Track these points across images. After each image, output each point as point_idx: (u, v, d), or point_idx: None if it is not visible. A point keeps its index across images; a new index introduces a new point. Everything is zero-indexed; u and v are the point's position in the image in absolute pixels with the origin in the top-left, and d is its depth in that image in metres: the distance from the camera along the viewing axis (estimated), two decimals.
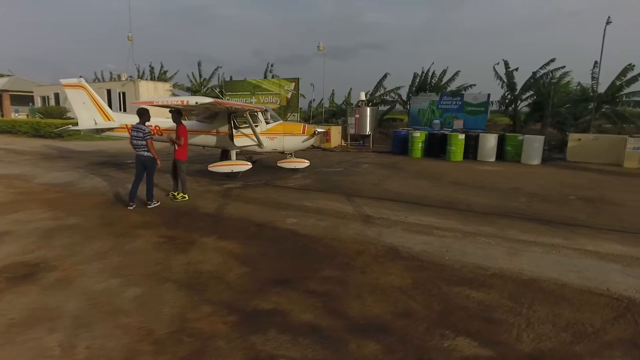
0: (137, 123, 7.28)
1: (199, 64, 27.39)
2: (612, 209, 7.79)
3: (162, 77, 30.29)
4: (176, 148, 7.83)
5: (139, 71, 30.48)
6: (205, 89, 27.36)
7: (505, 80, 19.68)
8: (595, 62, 16.22)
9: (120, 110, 25.21)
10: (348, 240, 5.71)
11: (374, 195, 8.59)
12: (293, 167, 11.56)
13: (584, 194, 9.03)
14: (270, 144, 11.04)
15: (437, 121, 19.22)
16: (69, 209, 7.19)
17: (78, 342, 3.21)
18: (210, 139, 11.06)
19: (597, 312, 3.79)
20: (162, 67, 30.73)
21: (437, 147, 15.82)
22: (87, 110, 11.45)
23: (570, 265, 4.92)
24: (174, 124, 9.59)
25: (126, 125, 11.37)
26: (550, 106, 17.71)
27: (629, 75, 16.37)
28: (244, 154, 12.41)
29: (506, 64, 19.75)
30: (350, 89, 25.02)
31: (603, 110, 17.13)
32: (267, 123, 11.10)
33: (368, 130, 19.54)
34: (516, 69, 18.96)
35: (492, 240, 5.80)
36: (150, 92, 24.80)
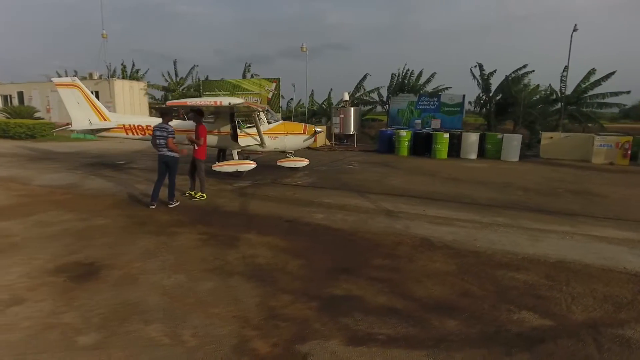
0: (161, 122, 7.29)
1: (175, 63, 26.90)
2: (599, 200, 8.63)
3: (133, 76, 29.44)
4: (196, 148, 7.88)
5: (109, 69, 29.41)
6: (181, 88, 26.90)
7: (481, 82, 20.75)
8: (565, 67, 17.51)
9: None
10: (381, 233, 6.08)
11: (383, 192, 9.01)
12: (293, 165, 11.78)
13: (569, 188, 9.88)
14: (272, 143, 11.22)
15: (418, 121, 20.00)
16: (89, 210, 7.10)
17: (180, 331, 3.37)
18: (211, 139, 11.06)
19: (624, 287, 4.36)
20: (133, 65, 29.88)
21: (422, 145, 16.52)
22: (81, 110, 11.16)
23: (585, 248, 5.52)
24: (176, 124, 9.74)
25: (123, 125, 11.21)
26: (522, 107, 18.94)
27: (592, 78, 17.77)
28: (241, 154, 12.50)
29: (481, 67, 20.84)
30: (331, 89, 25.49)
31: (569, 110, 18.48)
32: (269, 123, 11.27)
33: (352, 130, 20.02)
34: (493, 72, 20.03)
35: (510, 229, 6.35)
36: (126, 91, 24.10)
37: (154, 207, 7.29)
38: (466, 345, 3.23)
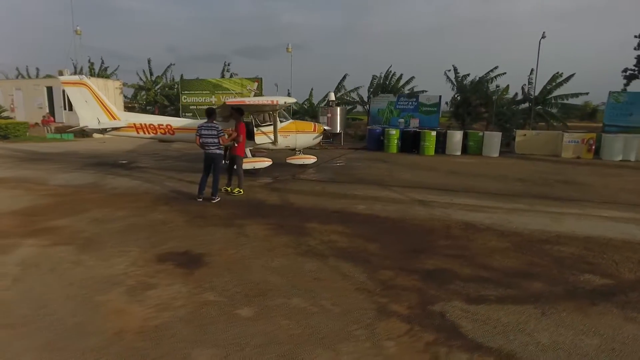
0: (207, 122, 7.55)
1: (149, 62, 26.27)
2: (587, 188, 9.85)
3: (102, 73, 28.41)
4: (236, 145, 8.18)
5: (75, 67, 28.17)
6: (157, 87, 26.36)
7: (455, 84, 22.15)
8: (532, 70, 19.20)
9: (65, 109, 23.31)
10: (427, 219, 6.77)
11: (401, 184, 9.73)
12: (302, 163, 12.22)
13: (558, 178, 11.11)
14: (283, 141, 11.61)
15: (401, 120, 21.05)
16: (136, 207, 7.23)
17: (321, 302, 3.84)
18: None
19: None
20: (102, 63, 28.82)
21: (410, 143, 17.49)
22: (90, 109, 11.01)
23: (601, 226, 6.51)
24: (184, 123, 9.98)
25: (134, 124, 11.18)
26: (494, 107, 20.50)
27: (558, 81, 19.61)
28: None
29: (455, 70, 22.25)
30: (312, 89, 25.94)
31: (537, 110, 20.25)
32: (280, 122, 11.66)
33: (339, 129, 20.69)
34: (467, 75, 21.46)
35: (532, 213, 7.26)
36: (100, 90, 23.20)
37: (200, 200, 7.55)
38: (559, 299, 3.96)
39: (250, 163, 10.95)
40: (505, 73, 20.81)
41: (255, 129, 10.92)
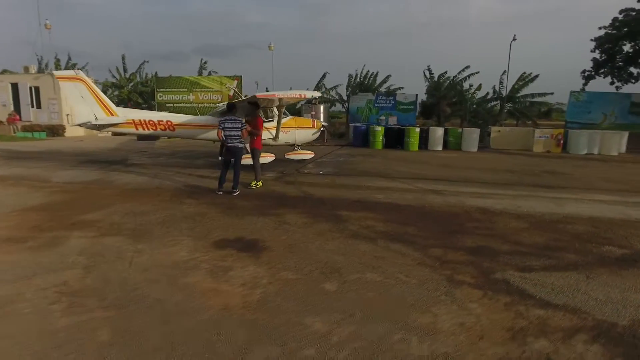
0: (230, 116, 7.66)
1: (123, 58, 25.46)
2: (569, 177, 10.80)
3: (69, 69, 27.21)
4: (255, 138, 8.33)
5: (40, 63, 26.83)
6: (131, 84, 25.59)
7: (430, 83, 23.17)
8: (504, 71, 20.49)
9: (33, 107, 22.18)
10: (444, 206, 7.27)
11: (405, 176, 10.25)
12: (300, 158, 12.47)
13: (540, 169, 12.06)
14: (284, 137, 11.83)
15: (382, 117, 21.74)
16: (160, 201, 7.23)
17: (393, 275, 4.19)
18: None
19: None
20: (69, 58, 27.59)
21: (394, 139, 18.15)
22: (86, 104, 10.70)
23: (598, 208, 7.27)
24: (185, 119, 10.65)
25: (133, 120, 10.99)
26: (468, 105, 21.65)
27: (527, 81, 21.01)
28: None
29: (430, 70, 23.27)
30: (290, 87, 26.11)
31: (507, 108, 21.60)
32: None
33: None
34: (444, 73, 22.50)
35: (535, 198, 7.96)
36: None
37: (221, 193, 7.67)
38: (593, 265, 4.53)
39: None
40: (478, 72, 22.03)
41: None
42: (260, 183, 8.51)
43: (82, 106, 10.70)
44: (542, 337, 3.06)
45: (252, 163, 10.88)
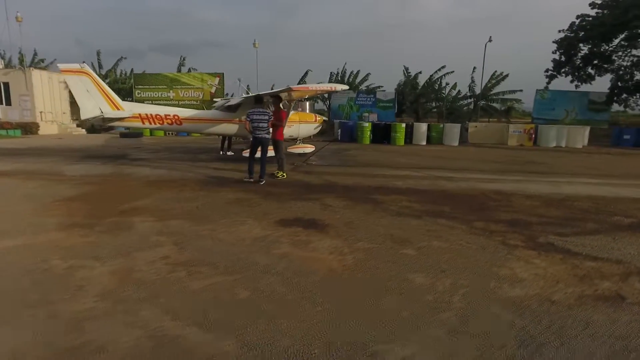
0: (258, 107, 7.97)
1: (98, 54, 24.66)
2: (549, 165, 11.91)
3: (36, 65, 26.01)
4: (277, 130, 8.66)
5: (3, 58, 25.44)
6: (107, 81, 24.81)
7: (409, 82, 24.19)
8: (474, 68, 21.81)
9: (2, 103, 21.10)
10: (460, 189, 7.97)
11: (407, 167, 10.93)
12: (302, 152, 12.89)
13: (522, 160, 13.16)
14: (288, 131, 12.18)
15: (366, 114, 22.50)
16: (192, 191, 7.41)
17: (455, 242, 4.76)
18: (232, 127, 11.59)
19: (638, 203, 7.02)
20: (35, 54, 26.34)
21: (380, 134, 18.90)
22: (91, 98, 10.58)
23: (590, 189, 8.22)
24: (192, 113, 10.96)
25: (139, 114, 10.98)
26: (445, 102, 22.83)
27: (498, 80, 22.46)
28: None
29: (406, 69, 24.29)
30: (273, 84, 26.33)
31: (482, 105, 23.00)
32: None
33: None
34: (420, 72, 23.58)
35: (534, 182, 8.84)
36: (45, 83, 21.45)
37: (251, 180, 7.97)
38: (613, 230, 5.31)
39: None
40: (453, 71, 23.27)
41: None
42: (285, 174, 8.83)
43: (88, 100, 10.56)
44: (604, 280, 3.72)
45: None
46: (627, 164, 13.14)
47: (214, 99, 19.45)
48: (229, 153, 12.93)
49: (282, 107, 9.01)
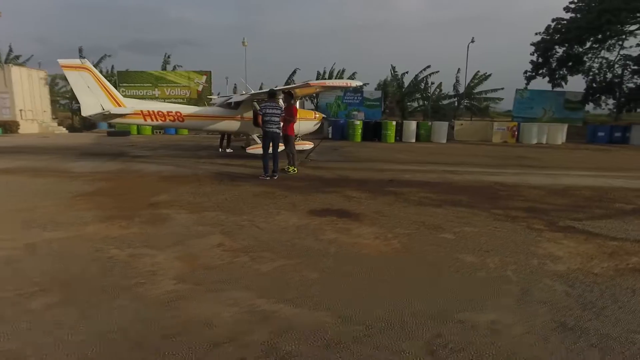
0: (270, 102, 8.10)
1: (80, 51, 24.00)
2: (539, 160, 12.54)
3: (12, 62, 25.07)
4: (288, 125, 8.80)
5: None
6: None
7: (395, 82, 24.72)
8: (458, 69, 22.54)
9: None
10: (468, 182, 8.35)
11: (407, 162, 11.30)
12: (301, 148, 13.02)
13: (513, 155, 13.78)
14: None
15: (355, 113, 22.87)
16: (213, 184, 7.49)
17: (486, 226, 5.07)
18: (234, 124, 11.65)
19: (635, 193, 7.56)
20: (10, 50, 25.38)
21: (371, 132, 19.28)
22: (92, 95, 10.44)
23: (586, 180, 8.76)
24: (194, 110, 11.09)
25: (141, 111, 10.90)
26: (430, 101, 23.46)
27: (481, 80, 23.27)
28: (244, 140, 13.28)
29: (394, 69, 24.82)
30: (262, 83, 26.31)
31: (465, 104, 23.77)
32: None
33: None
34: (406, 72, 24.13)
35: (534, 175, 9.34)
36: (24, 80, 20.75)
37: (268, 178, 8.08)
38: (620, 215, 5.76)
39: None
40: (438, 71, 23.95)
41: None
42: (296, 169, 8.98)
43: (89, 97, 10.41)
44: (631, 255, 4.10)
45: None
46: (609, 158, 13.97)
47: (211, 97, 19.26)
48: (228, 150, 12.96)
49: (294, 102, 9.14)
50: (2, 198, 6.26)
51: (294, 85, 9.77)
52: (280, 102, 9.17)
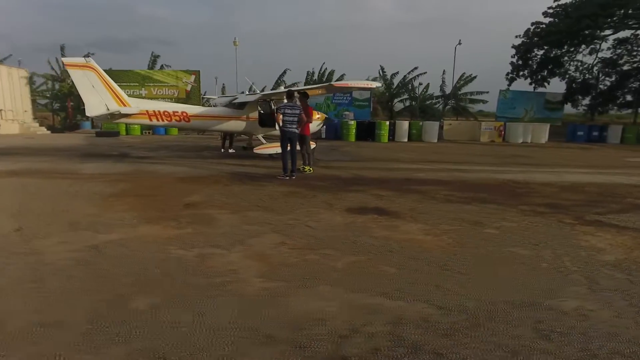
0: (289, 102, 8.18)
1: (62, 49, 23.22)
2: (532, 158, 13.09)
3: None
4: (305, 125, 8.88)
5: None
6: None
7: (383, 82, 25.13)
8: (444, 70, 23.18)
9: None
10: (482, 179, 8.67)
11: (418, 160, 11.62)
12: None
13: (507, 154, 14.31)
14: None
15: (347, 113, 23.09)
16: (238, 185, 7.52)
17: (522, 220, 5.35)
18: (239, 124, 11.63)
19: (637, 188, 8.06)
20: None
21: (364, 132, 19.54)
22: (97, 94, 10.22)
23: (587, 178, 9.24)
24: (200, 110, 11.23)
25: (147, 111, 10.75)
26: (418, 102, 23.99)
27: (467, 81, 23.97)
28: (247, 140, 13.30)
29: (382, 69, 25.22)
30: (252, 83, 26.08)
31: (451, 104, 24.42)
32: None
33: None
34: (396, 73, 24.57)
35: (539, 172, 9.78)
36: (4, 79, 19.94)
37: (287, 178, 8.15)
38: (636, 209, 6.18)
39: (273, 148, 11.50)
40: (425, 72, 24.52)
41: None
42: (312, 169, 9.07)
43: (93, 96, 10.18)
44: None
45: (269, 153, 11.41)
46: (594, 156, 14.70)
47: (208, 97, 19.05)
48: (230, 150, 12.90)
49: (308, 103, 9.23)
50: (29, 200, 6.09)
51: (317, 86, 9.87)
52: (307, 102, 9.25)
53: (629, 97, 26.36)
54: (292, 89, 9.35)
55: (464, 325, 2.65)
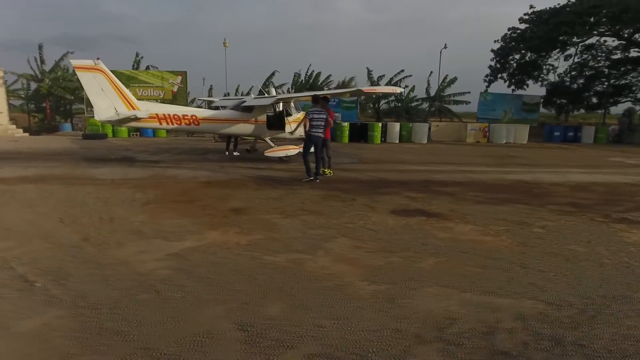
0: (315, 108, 8.32)
1: (40, 48, 22.19)
2: (527, 158, 13.77)
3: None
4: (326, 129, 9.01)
5: None
6: (51, 78, 22.53)
7: (370, 84, 25.54)
8: (431, 72, 23.85)
9: None
10: (494, 180, 9.10)
11: (416, 162, 11.98)
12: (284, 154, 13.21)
13: (500, 154, 14.97)
14: (298, 130, 12.57)
15: (338, 114, 23.27)
16: (269, 189, 7.56)
17: (553, 221, 5.74)
18: (247, 127, 11.65)
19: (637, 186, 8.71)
20: None
21: (357, 133, 19.83)
22: (106, 97, 9.96)
23: (591, 177, 9.86)
24: (210, 114, 11.10)
25: (156, 114, 10.57)
26: (404, 104, 24.57)
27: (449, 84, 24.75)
28: (250, 143, 13.31)
29: (369, 71, 25.64)
30: (238, 85, 25.98)
31: (436, 106, 25.15)
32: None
33: None
34: (383, 75, 25.03)
35: (539, 173, 10.33)
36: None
37: (311, 179, 8.27)
38: None
39: (283, 151, 11.60)
40: (411, 75, 25.13)
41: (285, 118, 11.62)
42: (332, 172, 9.21)
43: (102, 99, 9.92)
44: None
45: (280, 156, 11.47)
46: (578, 156, 15.53)
47: (205, 99, 18.72)
48: (235, 153, 12.85)
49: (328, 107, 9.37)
50: (67, 208, 5.91)
51: (346, 90, 10.05)
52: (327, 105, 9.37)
53: (594, 100, 28.17)
54: (318, 92, 9.43)
55: (581, 319, 2.91)
